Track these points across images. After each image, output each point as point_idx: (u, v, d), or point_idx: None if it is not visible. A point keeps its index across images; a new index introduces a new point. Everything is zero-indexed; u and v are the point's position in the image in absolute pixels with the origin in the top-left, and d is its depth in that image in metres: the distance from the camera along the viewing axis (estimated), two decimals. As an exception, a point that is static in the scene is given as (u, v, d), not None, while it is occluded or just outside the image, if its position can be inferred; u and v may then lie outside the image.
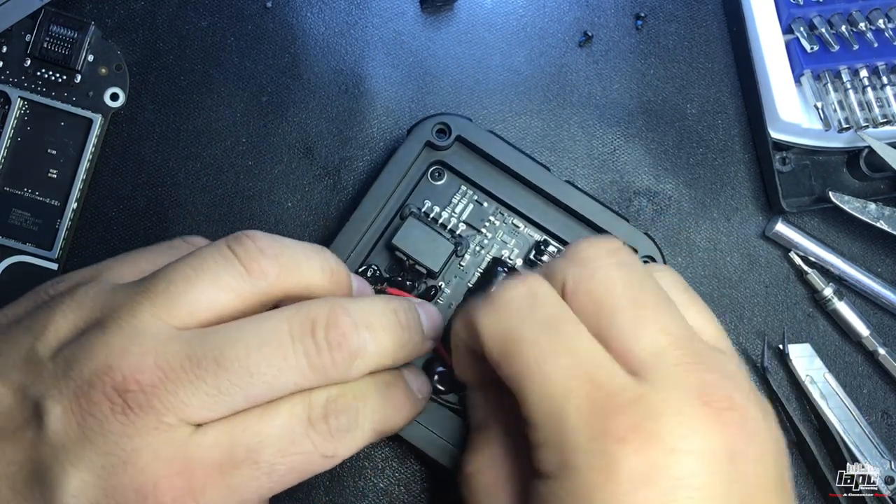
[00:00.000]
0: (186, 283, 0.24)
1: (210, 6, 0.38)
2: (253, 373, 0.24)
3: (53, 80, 0.36)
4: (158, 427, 0.23)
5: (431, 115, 0.35)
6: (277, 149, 0.38)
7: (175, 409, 0.23)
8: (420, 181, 0.35)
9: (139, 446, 0.23)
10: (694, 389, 0.23)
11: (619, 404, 0.22)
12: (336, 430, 0.25)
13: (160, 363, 0.23)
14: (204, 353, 0.23)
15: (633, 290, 0.24)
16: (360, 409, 0.26)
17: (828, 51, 0.37)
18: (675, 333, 0.24)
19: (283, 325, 0.25)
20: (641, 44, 0.40)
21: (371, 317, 0.26)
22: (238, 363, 0.23)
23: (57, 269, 0.36)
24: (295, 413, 0.25)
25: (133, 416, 0.23)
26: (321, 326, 0.25)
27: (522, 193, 0.35)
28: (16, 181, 0.36)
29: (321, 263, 0.27)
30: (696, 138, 0.39)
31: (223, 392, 0.23)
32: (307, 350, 0.24)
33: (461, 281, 0.35)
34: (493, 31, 0.39)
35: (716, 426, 0.22)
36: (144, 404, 0.23)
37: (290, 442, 0.25)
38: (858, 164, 0.37)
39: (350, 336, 0.25)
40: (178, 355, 0.23)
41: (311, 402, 0.25)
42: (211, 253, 0.25)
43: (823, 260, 0.38)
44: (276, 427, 0.24)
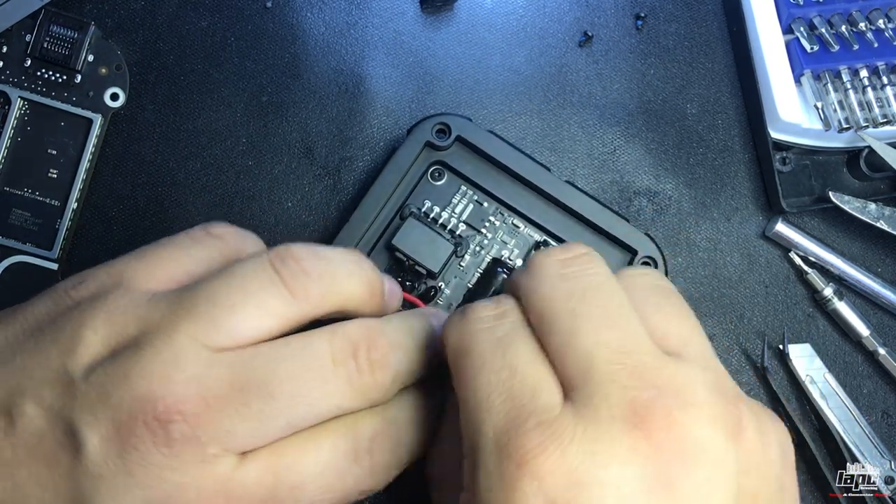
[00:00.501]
0: (231, 308, 0.23)
1: (210, 6, 0.38)
2: (296, 396, 0.23)
3: (53, 80, 0.36)
4: (204, 459, 0.22)
5: (431, 115, 0.35)
6: (277, 149, 0.38)
7: (219, 439, 0.22)
8: (420, 181, 0.35)
9: (183, 481, 0.22)
10: (623, 410, 0.20)
11: (531, 425, 0.21)
12: (379, 466, 0.25)
13: (203, 391, 0.22)
14: (248, 379, 0.22)
15: (573, 301, 0.23)
16: (403, 440, 0.26)
17: (828, 51, 0.37)
18: (615, 346, 0.22)
19: (325, 348, 0.24)
20: (641, 44, 0.40)
21: (405, 338, 0.26)
22: (283, 387, 0.23)
23: (57, 269, 0.36)
24: (339, 447, 0.24)
25: (177, 449, 0.22)
26: (363, 349, 0.24)
27: (522, 193, 0.35)
28: (16, 181, 0.36)
29: (361, 277, 0.26)
30: (696, 138, 0.39)
31: (267, 417, 0.22)
32: (349, 373, 0.24)
33: (461, 281, 0.35)
34: (493, 31, 0.39)
35: (642, 452, 0.20)
36: (189, 435, 0.22)
37: (334, 478, 0.24)
38: (858, 164, 0.37)
39: (388, 358, 0.24)
40: (221, 382, 0.22)
41: (357, 435, 0.25)
42: (256, 272, 0.24)
43: (823, 260, 0.38)
44: (321, 463, 0.24)
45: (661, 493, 0.20)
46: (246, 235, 0.28)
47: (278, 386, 0.23)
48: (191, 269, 0.26)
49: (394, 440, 0.25)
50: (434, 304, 0.35)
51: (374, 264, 0.32)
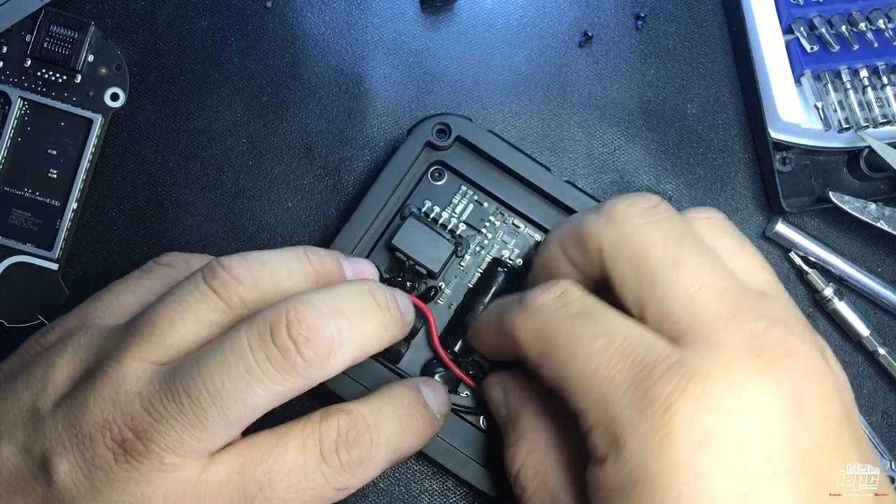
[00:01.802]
0: (170, 326, 0.25)
1: (210, 6, 0.38)
2: (220, 394, 0.23)
3: (53, 80, 0.36)
4: (163, 469, 0.23)
5: (431, 116, 0.35)
6: (277, 149, 0.38)
7: (172, 448, 0.23)
8: (420, 181, 0.35)
9: (147, 490, 0.23)
10: (742, 343, 0.22)
11: (660, 373, 0.22)
12: (348, 463, 0.25)
13: (146, 406, 0.23)
14: (175, 387, 0.23)
15: (669, 249, 0.24)
16: (374, 440, 0.26)
17: (828, 51, 0.37)
18: (717, 287, 0.23)
19: (242, 339, 0.24)
20: (641, 44, 0.40)
21: (342, 303, 0.25)
22: (204, 388, 0.23)
23: (57, 269, 0.36)
24: (307, 446, 0.25)
25: (136, 463, 0.23)
26: (281, 327, 0.24)
27: (523, 193, 0.35)
28: (16, 181, 0.36)
29: (303, 270, 0.27)
30: (696, 138, 0.39)
31: (203, 421, 0.23)
32: (271, 356, 0.24)
33: (461, 281, 0.35)
34: (493, 31, 0.39)
35: (773, 377, 0.22)
36: (143, 450, 0.23)
37: (301, 476, 0.24)
38: (858, 164, 0.37)
39: (319, 328, 0.24)
40: (157, 393, 0.23)
41: (322, 434, 0.25)
42: (189, 290, 0.25)
43: (823, 260, 0.38)
44: (288, 462, 0.24)
45: (796, 410, 0.21)
46: (193, 258, 0.30)
47: (204, 386, 0.23)
48: (145, 299, 0.28)
49: (364, 439, 0.26)
50: (434, 304, 0.35)
51: (373, 264, 0.32)
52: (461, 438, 0.33)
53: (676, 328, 0.23)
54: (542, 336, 0.24)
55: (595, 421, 0.23)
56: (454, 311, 0.35)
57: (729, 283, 0.24)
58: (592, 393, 0.23)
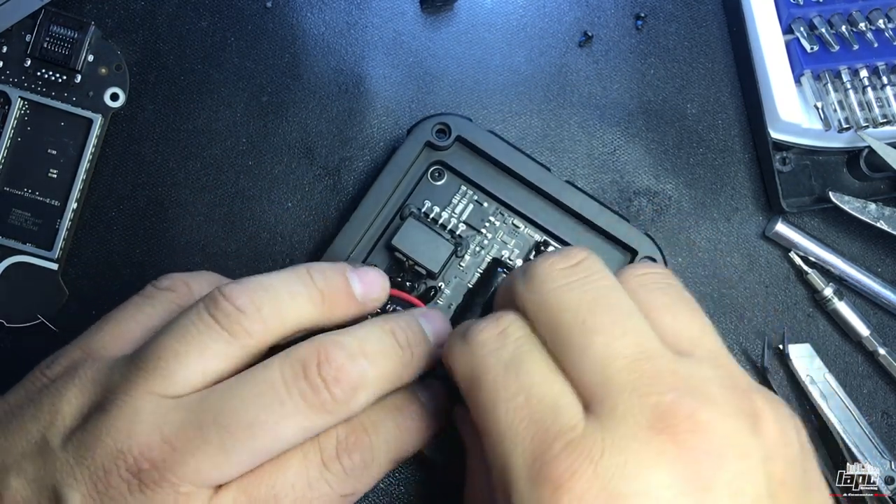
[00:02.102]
0: (175, 359, 0.25)
1: (210, 6, 0.38)
2: (253, 425, 0.24)
3: (53, 80, 0.36)
4: (177, 499, 0.23)
5: (431, 116, 0.35)
6: (277, 149, 0.38)
7: (189, 477, 0.23)
8: (420, 181, 0.35)
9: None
10: (646, 417, 0.21)
11: (559, 449, 0.21)
12: (351, 469, 0.25)
13: (166, 436, 0.23)
14: (204, 417, 0.24)
15: (583, 313, 0.23)
16: (374, 443, 0.26)
17: (828, 51, 0.37)
18: (628, 354, 0.22)
19: (275, 374, 0.24)
20: (641, 44, 0.40)
21: (366, 345, 0.26)
22: (237, 418, 0.23)
23: (57, 269, 0.36)
24: (308, 458, 0.25)
25: (150, 493, 0.23)
26: (313, 365, 0.24)
27: (522, 194, 0.35)
28: (16, 181, 0.36)
29: (307, 293, 0.27)
30: (696, 138, 0.39)
31: (229, 450, 0.23)
32: (303, 392, 0.24)
33: (461, 282, 0.35)
34: (493, 31, 0.39)
35: (674, 455, 0.20)
36: (159, 479, 0.23)
37: (306, 488, 0.25)
38: (858, 164, 0.37)
39: (347, 368, 0.25)
40: (180, 425, 0.24)
41: (322, 444, 0.25)
42: (192, 322, 0.25)
43: (823, 260, 0.38)
44: (291, 475, 0.25)
45: (697, 493, 0.20)
46: (193, 279, 0.29)
47: (233, 418, 0.23)
48: (149, 326, 0.27)
49: (364, 442, 0.26)
50: (434, 305, 0.35)
51: (373, 264, 0.32)
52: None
53: (587, 394, 0.22)
54: (471, 376, 0.24)
55: (496, 481, 0.22)
56: (454, 311, 0.35)
57: (643, 348, 0.22)
58: (499, 453, 0.22)
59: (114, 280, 0.37)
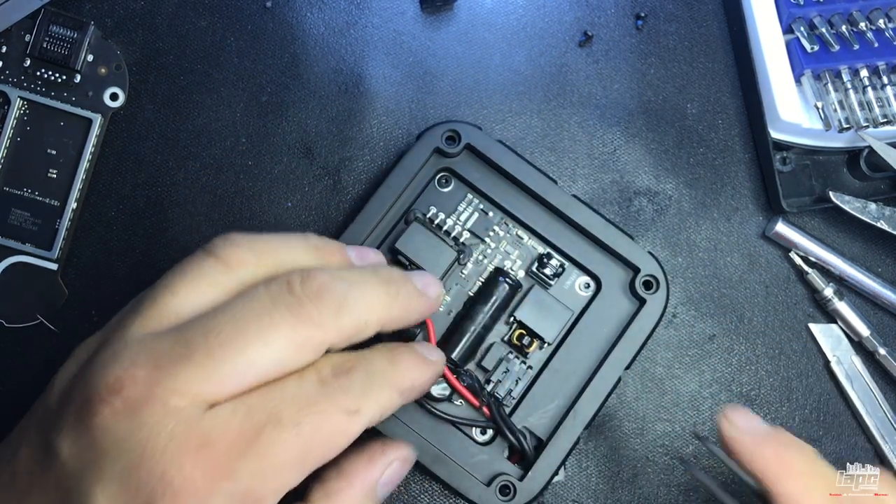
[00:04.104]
0: (170, 290, 0.25)
1: (210, 6, 0.38)
2: (242, 334, 0.23)
3: (53, 80, 0.36)
4: (167, 412, 0.22)
5: (441, 122, 0.35)
6: (277, 149, 0.38)
7: (178, 390, 0.22)
8: (427, 187, 0.35)
9: (150, 434, 0.22)
10: None
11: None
12: (349, 386, 0.25)
13: (152, 355, 0.23)
14: (192, 334, 0.23)
15: None
16: (370, 369, 0.26)
17: (828, 51, 0.37)
18: None
19: (261, 291, 0.25)
20: (641, 44, 0.39)
21: (347, 273, 0.26)
22: (225, 331, 0.23)
23: (57, 269, 0.36)
24: (304, 377, 0.24)
25: (137, 409, 0.22)
26: (297, 282, 0.25)
27: (528, 205, 0.35)
28: (16, 181, 0.36)
29: (301, 243, 0.27)
30: (697, 138, 0.39)
31: (218, 361, 0.23)
32: (288, 304, 0.24)
33: (462, 289, 0.35)
34: (493, 31, 0.39)
35: None
36: (145, 394, 0.22)
37: (306, 401, 0.24)
38: (859, 164, 0.37)
39: (328, 285, 0.25)
40: (168, 343, 0.23)
41: (318, 367, 0.25)
42: (189, 259, 0.26)
43: (823, 260, 0.38)
44: (290, 390, 0.24)
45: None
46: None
47: (222, 330, 0.23)
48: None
49: (360, 366, 0.25)
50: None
51: (378, 251, 0.32)
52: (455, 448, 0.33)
53: None
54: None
55: None
56: (453, 318, 0.35)
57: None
58: None
59: (114, 280, 0.37)
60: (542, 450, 0.33)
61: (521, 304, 0.34)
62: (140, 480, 0.22)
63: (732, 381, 0.37)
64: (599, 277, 0.35)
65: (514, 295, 0.35)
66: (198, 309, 0.25)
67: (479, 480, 0.33)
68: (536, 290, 0.34)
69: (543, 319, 0.34)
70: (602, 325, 0.35)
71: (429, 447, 0.32)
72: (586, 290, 0.35)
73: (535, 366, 0.35)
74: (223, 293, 0.25)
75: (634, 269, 0.35)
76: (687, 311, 0.38)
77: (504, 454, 0.34)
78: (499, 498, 0.32)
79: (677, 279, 0.38)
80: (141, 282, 0.36)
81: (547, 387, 0.34)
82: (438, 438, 0.33)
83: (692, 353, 0.38)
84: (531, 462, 0.33)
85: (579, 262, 0.35)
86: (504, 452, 0.34)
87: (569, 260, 0.35)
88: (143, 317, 0.24)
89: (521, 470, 0.33)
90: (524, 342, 0.34)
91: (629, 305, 0.35)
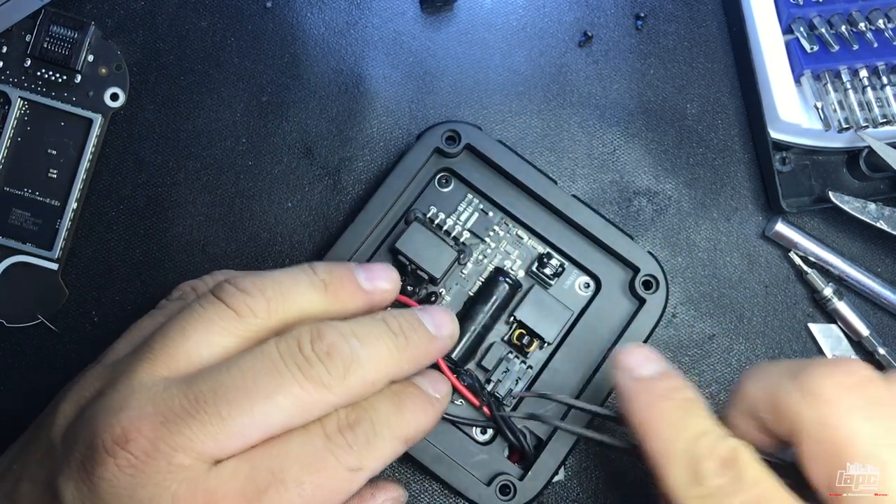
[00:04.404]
0: (182, 335, 0.25)
1: (210, 6, 0.38)
2: (250, 393, 0.23)
3: (53, 80, 0.36)
4: (171, 469, 0.23)
5: (441, 122, 0.35)
6: (277, 149, 0.38)
7: (184, 447, 0.23)
8: (427, 187, 0.35)
9: (154, 493, 0.23)
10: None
11: None
12: (354, 441, 0.25)
13: (159, 409, 0.23)
14: (200, 388, 0.23)
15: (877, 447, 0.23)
16: (375, 419, 0.26)
17: (828, 51, 0.37)
18: None
19: (272, 348, 0.25)
20: (641, 44, 0.40)
21: (357, 327, 0.26)
22: (234, 387, 0.23)
23: (57, 269, 0.36)
24: (310, 432, 0.25)
25: (141, 465, 0.23)
26: (307, 341, 0.25)
27: (528, 205, 0.35)
28: (16, 181, 0.36)
29: (309, 281, 0.27)
30: (696, 138, 0.39)
31: (226, 418, 0.23)
32: (299, 364, 0.24)
33: (462, 289, 0.35)
34: (493, 31, 0.39)
35: None
36: (150, 449, 0.23)
37: (312, 458, 0.24)
38: (858, 164, 0.37)
39: (338, 345, 0.25)
40: (176, 396, 0.23)
41: (324, 423, 0.25)
42: (200, 304, 0.26)
43: (823, 260, 0.38)
44: (294, 447, 0.24)
45: None
46: (202, 281, 0.31)
47: (231, 386, 0.23)
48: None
49: (365, 420, 0.26)
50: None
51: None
52: (455, 447, 0.33)
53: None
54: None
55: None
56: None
57: None
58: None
59: (114, 280, 0.37)
60: (542, 449, 0.33)
61: (521, 304, 0.34)
62: None
63: (732, 380, 0.37)
64: (599, 277, 0.35)
65: (514, 295, 0.35)
66: (208, 357, 0.25)
67: (479, 480, 0.33)
68: (536, 290, 0.35)
69: (543, 319, 0.34)
70: (602, 325, 0.35)
71: (429, 447, 0.32)
72: (586, 290, 0.35)
73: (535, 365, 0.35)
74: (234, 341, 0.25)
75: (634, 268, 0.35)
76: (686, 311, 0.38)
77: (504, 454, 0.34)
78: (499, 497, 0.32)
79: (677, 279, 0.38)
80: (141, 282, 0.36)
81: (547, 387, 0.34)
82: (438, 438, 0.33)
83: (692, 352, 0.38)
84: (531, 462, 0.33)
85: (579, 262, 0.35)
86: (504, 452, 0.34)
87: (569, 260, 0.35)
88: (153, 361, 0.24)
89: (521, 469, 0.33)
90: (524, 342, 0.34)
91: (629, 305, 0.35)
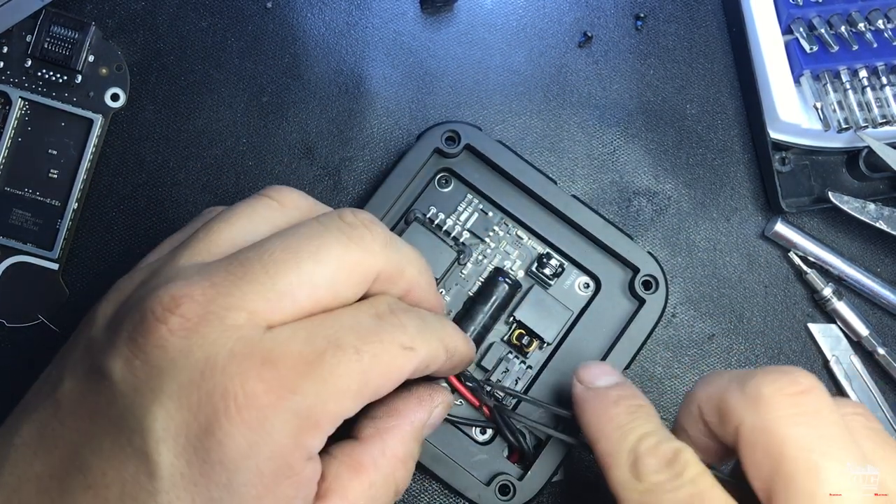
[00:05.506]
0: (226, 223, 0.25)
1: (210, 6, 0.38)
2: (295, 252, 0.23)
3: (54, 80, 0.36)
4: (225, 329, 0.22)
5: (441, 123, 0.35)
6: (277, 149, 0.38)
7: (236, 306, 0.22)
8: (427, 187, 0.35)
9: (210, 352, 0.21)
10: None
11: None
12: (406, 322, 0.25)
13: (208, 276, 0.23)
14: (246, 255, 0.23)
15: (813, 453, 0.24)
16: (423, 316, 0.26)
17: (827, 51, 0.37)
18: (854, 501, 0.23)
19: (312, 220, 0.25)
20: (641, 44, 0.40)
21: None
22: (279, 248, 0.23)
23: (57, 270, 0.36)
24: (360, 310, 0.24)
25: (194, 327, 0.22)
26: (348, 213, 0.25)
27: (528, 205, 0.35)
28: (16, 181, 0.36)
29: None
30: (696, 138, 0.39)
31: (275, 277, 0.22)
32: (341, 228, 0.24)
33: (461, 289, 0.35)
34: (493, 31, 0.39)
35: None
36: (202, 311, 0.22)
37: (366, 330, 0.23)
38: (858, 165, 0.37)
39: (375, 222, 0.25)
40: (223, 265, 0.23)
41: (374, 303, 0.25)
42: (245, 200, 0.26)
43: (823, 260, 0.38)
44: (348, 319, 0.24)
45: None
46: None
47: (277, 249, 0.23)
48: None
49: (416, 311, 0.26)
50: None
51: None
52: (455, 447, 0.33)
53: None
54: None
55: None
56: (453, 318, 0.35)
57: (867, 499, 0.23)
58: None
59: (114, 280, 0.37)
60: (541, 449, 0.33)
61: (520, 304, 0.34)
62: (200, 397, 0.21)
63: (732, 380, 0.38)
64: (599, 277, 0.35)
65: (513, 295, 0.35)
66: (250, 239, 0.25)
67: (478, 480, 0.33)
68: (536, 290, 0.35)
69: (543, 319, 0.34)
70: (601, 325, 0.35)
71: (429, 447, 0.33)
72: (586, 290, 0.36)
73: (535, 366, 0.35)
74: (276, 229, 0.25)
75: (634, 269, 0.35)
76: (686, 311, 0.38)
77: (504, 454, 0.34)
78: (498, 497, 0.32)
79: (676, 279, 0.38)
80: (141, 282, 0.36)
81: (547, 387, 0.34)
82: (438, 438, 0.33)
83: (691, 352, 0.38)
84: (531, 461, 0.33)
85: (579, 262, 0.35)
86: (504, 452, 0.34)
87: (568, 260, 0.35)
88: (195, 246, 0.24)
89: (520, 469, 0.33)
90: (524, 342, 0.34)
91: (628, 305, 0.35)
